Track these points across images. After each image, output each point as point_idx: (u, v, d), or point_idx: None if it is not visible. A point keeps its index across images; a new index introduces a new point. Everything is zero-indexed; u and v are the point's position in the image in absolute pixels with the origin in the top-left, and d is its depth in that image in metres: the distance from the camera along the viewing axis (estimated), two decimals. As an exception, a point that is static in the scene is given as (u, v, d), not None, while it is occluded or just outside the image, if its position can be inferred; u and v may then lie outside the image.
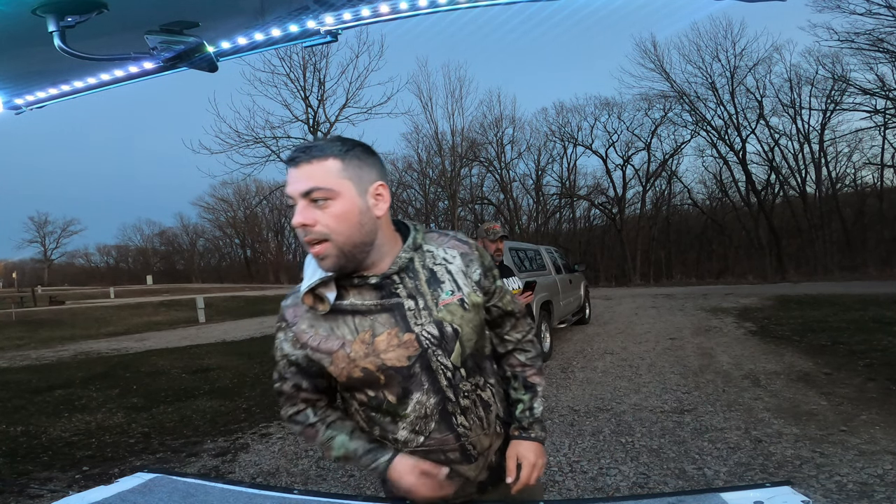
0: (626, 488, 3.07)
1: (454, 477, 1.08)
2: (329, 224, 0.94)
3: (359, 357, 1.01)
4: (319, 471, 3.70)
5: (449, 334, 1.03)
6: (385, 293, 1.01)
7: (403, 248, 1.03)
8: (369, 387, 1.04)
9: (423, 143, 29.35)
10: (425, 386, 1.02)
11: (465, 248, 1.10)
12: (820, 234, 24.18)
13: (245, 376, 7.24)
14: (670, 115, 26.52)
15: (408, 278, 1.03)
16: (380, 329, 1.01)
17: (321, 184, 0.94)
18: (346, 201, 0.95)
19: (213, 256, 60.44)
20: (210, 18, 1.08)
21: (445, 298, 1.03)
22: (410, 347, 1.01)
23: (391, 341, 1.00)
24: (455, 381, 1.04)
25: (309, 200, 0.94)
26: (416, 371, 1.02)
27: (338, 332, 1.02)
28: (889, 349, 6.00)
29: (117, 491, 1.22)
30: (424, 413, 1.03)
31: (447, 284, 1.05)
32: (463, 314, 1.04)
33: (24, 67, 1.23)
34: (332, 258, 0.96)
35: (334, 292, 1.01)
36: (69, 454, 4.33)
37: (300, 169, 0.95)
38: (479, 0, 1.11)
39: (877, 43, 18.09)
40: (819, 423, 3.91)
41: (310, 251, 0.98)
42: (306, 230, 0.95)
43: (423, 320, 1.01)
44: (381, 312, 1.01)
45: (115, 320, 18.40)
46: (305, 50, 8.85)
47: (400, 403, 1.03)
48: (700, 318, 10.14)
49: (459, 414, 1.06)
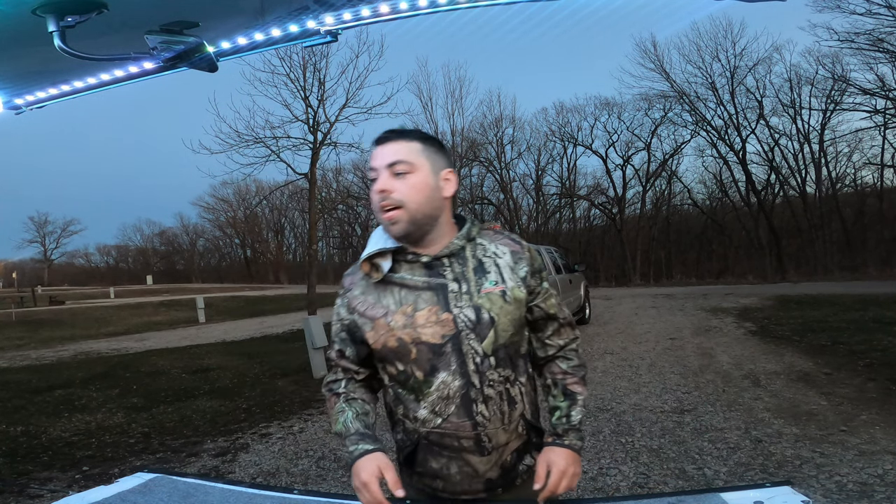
0: (626, 488, 3.07)
1: (464, 468, 1.09)
2: (405, 193, 1.07)
3: (397, 327, 1.08)
4: (319, 471, 3.70)
5: (485, 320, 1.08)
6: (433, 273, 1.10)
7: (457, 236, 1.13)
8: (400, 359, 1.09)
9: (423, 143, 29.30)
10: (453, 367, 1.06)
11: (516, 247, 1.17)
12: (820, 234, 24.17)
13: (245, 376, 7.24)
14: (670, 115, 26.49)
15: (456, 263, 1.11)
16: (422, 305, 1.08)
17: (404, 157, 1.08)
18: (422, 176, 1.08)
19: (213, 256, 60.46)
20: (210, 18, 1.08)
21: (488, 287, 1.10)
22: (446, 326, 1.07)
23: (430, 318, 1.07)
24: (482, 368, 1.07)
25: (391, 172, 1.07)
26: (447, 350, 1.06)
27: (383, 301, 1.10)
28: (889, 349, 6.00)
29: (117, 491, 1.22)
30: (447, 394, 1.06)
31: (492, 275, 1.11)
32: (503, 305, 1.09)
33: (24, 67, 1.23)
34: (402, 223, 1.07)
35: (390, 263, 1.11)
36: (69, 454, 4.33)
37: (387, 146, 1.09)
38: (479, 0, 1.11)
39: (877, 43, 18.08)
40: (819, 423, 3.91)
41: (383, 217, 1.08)
42: (385, 195, 1.07)
43: (462, 303, 1.08)
44: (426, 290, 1.09)
45: (115, 320, 18.41)
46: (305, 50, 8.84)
47: (425, 381, 1.07)
48: (700, 318, 10.14)
49: (481, 402, 1.07)
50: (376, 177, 1.09)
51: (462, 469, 1.09)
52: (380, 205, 1.08)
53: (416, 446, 1.11)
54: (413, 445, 1.12)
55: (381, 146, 1.10)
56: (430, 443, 1.10)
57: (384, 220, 1.08)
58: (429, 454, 1.10)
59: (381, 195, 1.07)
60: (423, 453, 1.11)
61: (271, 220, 50.24)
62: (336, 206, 34.22)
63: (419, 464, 1.12)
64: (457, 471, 1.10)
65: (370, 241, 1.15)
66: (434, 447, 1.10)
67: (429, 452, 1.10)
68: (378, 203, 1.08)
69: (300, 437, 4.50)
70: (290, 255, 50.70)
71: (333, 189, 33.22)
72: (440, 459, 1.10)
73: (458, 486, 1.11)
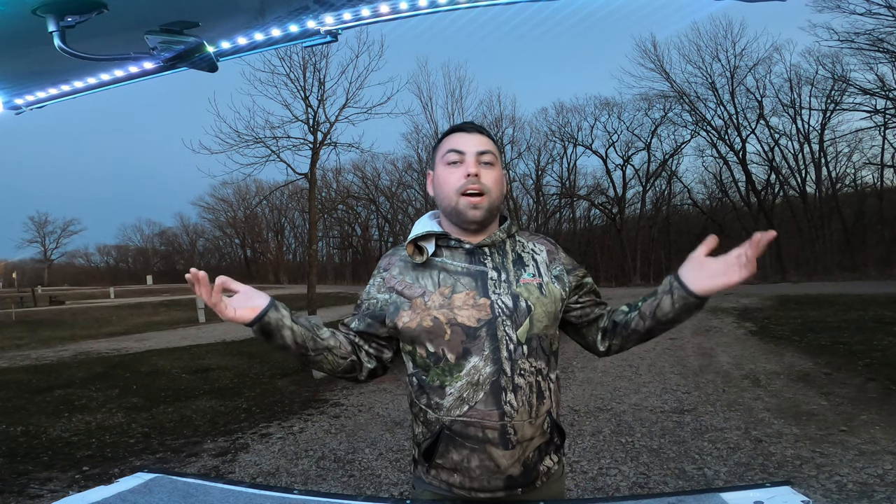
0: (626, 488, 3.07)
1: (486, 462, 1.06)
2: (490, 182, 1.14)
3: (434, 306, 1.10)
4: (319, 471, 3.70)
5: (522, 309, 1.10)
6: (474, 260, 1.13)
7: (500, 229, 1.18)
8: (432, 340, 1.09)
9: (423, 143, 29.29)
10: (486, 352, 1.07)
11: (552, 247, 1.23)
12: (820, 234, 24.17)
13: (245, 376, 7.24)
14: (670, 115, 26.51)
15: (497, 254, 1.15)
16: (460, 288, 1.11)
17: (493, 150, 1.16)
18: (500, 170, 1.17)
19: (213, 256, 60.44)
20: (210, 18, 1.08)
21: (527, 278, 1.14)
22: (483, 311, 1.08)
23: (467, 301, 1.09)
24: (515, 356, 1.07)
25: (479, 160, 1.13)
26: (481, 334, 1.07)
27: (422, 281, 1.13)
28: (889, 349, 6.00)
29: (117, 491, 1.22)
30: (477, 380, 1.06)
31: (531, 268, 1.16)
32: (539, 296, 1.12)
33: (24, 67, 1.23)
34: (483, 210, 1.12)
35: (433, 247, 1.15)
36: (69, 454, 4.33)
37: (473, 135, 1.16)
38: (479, 0, 1.11)
39: (877, 43, 18.07)
40: (819, 423, 3.91)
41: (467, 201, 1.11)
42: (475, 179, 1.11)
43: (501, 290, 1.11)
44: (466, 275, 1.12)
45: (115, 320, 18.40)
46: (305, 50, 8.84)
47: (457, 364, 1.07)
48: (700, 318, 10.13)
49: (510, 391, 1.06)
50: (459, 160, 1.13)
51: (483, 463, 1.06)
52: (466, 188, 1.11)
53: (438, 437, 1.08)
54: (434, 437, 1.09)
55: (467, 133, 1.16)
56: (452, 433, 1.07)
57: (467, 203, 1.11)
58: (451, 445, 1.07)
59: (469, 178, 1.11)
60: (444, 444, 1.08)
61: (271, 220, 50.31)
62: (336, 206, 34.19)
63: (439, 455, 1.09)
64: (478, 464, 1.06)
65: (416, 226, 1.19)
66: (457, 437, 1.07)
67: (451, 443, 1.07)
68: (463, 186, 1.12)
69: (300, 437, 4.50)
70: (290, 255, 50.68)
71: (333, 189, 33.22)
72: (462, 451, 1.07)
73: (477, 482, 1.07)
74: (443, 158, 1.16)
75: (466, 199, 1.11)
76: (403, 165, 31.79)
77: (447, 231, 1.16)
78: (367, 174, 34.24)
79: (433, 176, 1.21)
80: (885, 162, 23.01)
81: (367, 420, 4.89)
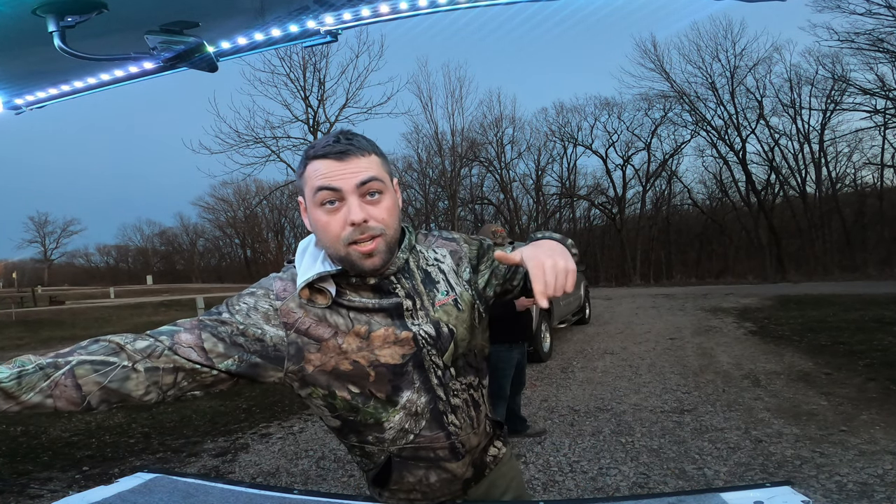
0: (626, 488, 3.07)
1: (443, 475, 1.07)
2: (384, 218, 0.92)
3: (351, 350, 0.96)
4: (319, 471, 3.70)
5: (445, 334, 1.02)
6: (383, 293, 0.99)
7: (401, 249, 1.00)
8: (355, 383, 0.98)
9: (423, 143, 29.33)
10: (416, 384, 1.01)
11: (452, 245, 1.09)
12: (820, 234, 24.18)
13: (245, 376, 7.24)
14: (670, 115, 26.53)
15: (404, 279, 1.01)
16: (376, 326, 0.98)
17: (377, 173, 0.92)
18: (391, 195, 0.96)
19: (213, 256, 60.41)
20: (210, 18, 1.08)
21: (441, 299, 1.03)
22: (406, 346, 0.99)
23: (388, 338, 0.98)
24: (445, 380, 1.03)
25: (362, 193, 0.91)
26: (408, 369, 0.99)
27: (330, 319, 0.97)
28: (889, 349, 6.00)
29: (117, 491, 1.22)
30: (415, 411, 1.01)
31: (442, 284, 1.04)
32: (458, 314, 1.04)
33: (24, 67, 1.23)
34: (381, 254, 0.93)
35: (333, 287, 0.97)
36: (69, 454, 4.33)
37: (349, 161, 0.90)
38: (479, 0, 1.11)
39: (877, 43, 18.08)
40: (819, 423, 3.91)
41: (358, 250, 0.92)
42: (364, 227, 0.90)
43: (419, 320, 1.00)
44: (379, 312, 0.98)
45: (115, 320, 18.41)
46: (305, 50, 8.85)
47: (389, 401, 1.00)
48: (700, 318, 10.14)
49: (450, 413, 1.04)
50: (336, 200, 0.90)
51: (441, 476, 1.07)
52: (353, 238, 0.91)
53: (388, 465, 1.06)
54: (382, 465, 1.06)
55: (338, 161, 0.90)
56: (403, 459, 1.05)
57: (359, 254, 0.92)
58: (404, 469, 1.06)
59: (356, 228, 0.90)
60: (397, 471, 1.06)
61: (271, 220, 50.22)
62: (336, 206, 34.18)
63: (394, 481, 1.07)
64: (436, 479, 1.07)
65: (303, 262, 0.98)
66: (409, 462, 1.05)
67: (404, 468, 1.06)
68: (348, 237, 0.91)
69: (300, 437, 4.50)
70: (291, 255, 50.63)
71: (333, 189, 33.21)
72: (417, 472, 1.06)
73: (439, 492, 1.10)
74: (314, 197, 0.92)
75: (356, 248, 0.91)
76: (403, 165, 31.76)
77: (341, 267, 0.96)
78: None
79: (306, 210, 0.97)
80: (885, 162, 23.05)
81: (367, 420, 4.89)
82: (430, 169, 30.26)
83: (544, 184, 31.32)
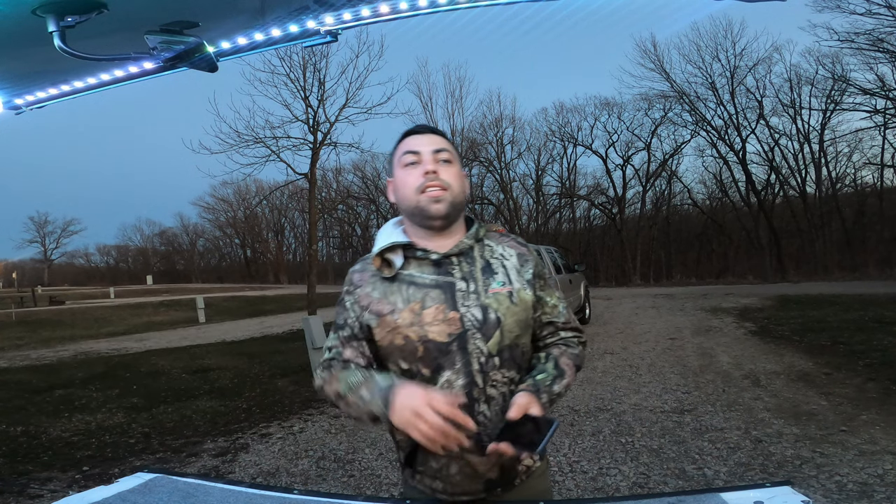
0: (626, 488, 3.07)
1: (464, 468, 1.08)
2: (449, 177, 1.12)
3: (404, 325, 1.08)
4: (319, 471, 3.70)
5: (491, 320, 1.08)
6: (442, 271, 1.11)
7: (467, 235, 1.15)
8: (405, 357, 1.09)
9: (422, 142, 29.31)
10: (457, 366, 1.07)
11: (523, 249, 1.20)
12: (820, 234, 24.17)
13: (245, 376, 7.24)
14: (670, 115, 26.49)
15: (465, 262, 1.13)
16: (429, 303, 1.08)
17: (449, 148, 1.16)
18: (458, 168, 1.16)
19: (213, 256, 60.45)
20: (210, 18, 1.08)
21: (495, 287, 1.11)
22: (453, 325, 1.07)
23: (437, 316, 1.07)
24: (486, 368, 1.07)
25: (436, 158, 1.13)
26: (452, 349, 1.07)
27: (391, 298, 1.11)
28: (889, 349, 6.00)
29: (117, 491, 1.22)
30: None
31: (500, 276, 1.13)
32: (509, 306, 1.10)
33: (24, 67, 1.23)
34: (446, 203, 1.10)
35: (401, 259, 1.12)
36: (69, 454, 4.33)
37: (427, 136, 1.16)
38: (479, 0, 1.11)
39: (877, 43, 18.07)
40: (819, 423, 3.91)
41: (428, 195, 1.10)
42: (434, 175, 1.11)
43: (469, 302, 1.09)
44: (434, 288, 1.10)
45: (115, 320, 18.40)
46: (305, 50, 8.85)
47: (431, 378, 1.07)
48: (700, 318, 10.14)
49: (483, 402, 1.07)
50: (416, 160, 1.12)
51: (462, 469, 1.09)
52: (426, 184, 1.10)
53: (417, 446, 1.09)
54: (413, 445, 1.11)
55: (420, 135, 1.16)
56: None
57: (428, 198, 1.10)
58: (429, 454, 1.09)
59: (428, 175, 1.11)
60: (423, 453, 1.10)
61: (271, 220, 50.27)
62: (336, 206, 34.23)
63: (420, 463, 1.13)
64: (457, 471, 1.09)
65: (380, 236, 1.16)
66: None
67: (429, 452, 1.08)
68: (423, 183, 1.11)
69: (300, 437, 4.50)
70: (290, 255, 50.62)
71: (333, 189, 33.28)
72: (440, 459, 1.09)
73: (459, 487, 1.11)
74: (399, 161, 1.15)
75: (426, 195, 1.10)
76: (403, 165, 31.74)
77: (413, 240, 1.13)
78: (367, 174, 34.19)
79: (393, 182, 1.19)
80: (885, 162, 23.03)
81: (367, 420, 4.89)
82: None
83: (544, 184, 31.34)
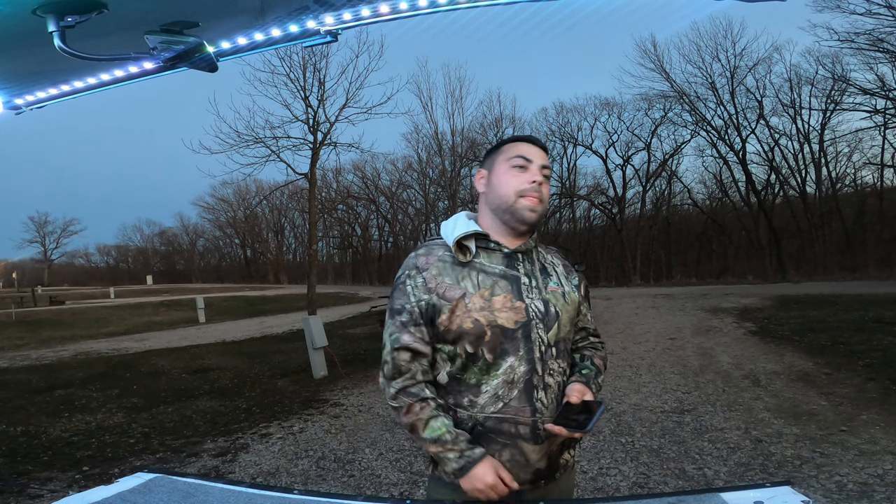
0: (626, 488, 3.07)
1: (516, 456, 1.13)
2: (546, 194, 1.25)
3: (475, 308, 1.15)
4: (319, 471, 3.70)
5: (552, 313, 1.19)
6: (510, 264, 1.21)
7: (532, 238, 1.26)
8: (472, 341, 1.14)
9: (423, 143, 29.34)
10: (521, 352, 1.14)
11: (566, 261, 1.34)
12: (820, 234, 24.15)
13: (245, 376, 7.24)
14: (670, 115, 26.44)
15: (527, 261, 1.23)
16: (499, 291, 1.17)
17: (550, 167, 1.30)
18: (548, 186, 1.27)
19: (213, 256, 60.45)
20: (210, 18, 1.08)
21: (552, 286, 1.23)
22: (519, 314, 1.16)
23: (505, 303, 1.16)
24: (546, 357, 1.16)
25: (543, 172, 1.23)
26: (518, 336, 1.14)
27: (462, 283, 1.17)
28: (889, 349, 6.00)
29: (117, 491, 1.22)
30: (512, 379, 1.13)
31: (554, 278, 1.25)
32: (564, 304, 1.22)
33: (24, 67, 1.23)
34: (538, 214, 1.22)
35: (475, 247, 1.20)
36: (69, 454, 4.33)
37: (540, 150, 1.26)
38: (479, 0, 1.11)
39: (877, 43, 18.05)
40: (819, 423, 3.91)
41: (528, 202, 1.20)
42: (538, 187, 1.21)
43: (533, 295, 1.19)
44: (503, 279, 1.18)
45: (115, 320, 18.40)
46: (305, 50, 8.84)
47: (494, 363, 1.14)
48: (700, 318, 10.14)
49: (541, 389, 1.14)
50: (525, 166, 1.22)
51: (514, 457, 1.13)
52: (530, 192, 1.20)
53: (471, 433, 1.14)
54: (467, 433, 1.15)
55: (535, 146, 1.26)
56: (486, 429, 1.14)
57: (527, 204, 1.20)
58: (483, 441, 1.14)
59: (533, 185, 1.21)
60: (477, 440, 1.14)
61: (271, 220, 50.24)
62: (336, 207, 34.20)
63: None
64: (509, 458, 1.13)
65: (456, 225, 1.23)
66: (490, 434, 1.14)
67: (483, 439, 1.14)
68: (525, 189, 1.20)
69: (300, 437, 4.50)
70: (290, 255, 50.62)
71: (333, 189, 33.24)
72: (494, 446, 1.13)
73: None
74: (508, 160, 1.23)
75: (526, 200, 1.20)
76: (403, 165, 31.81)
77: (487, 232, 1.22)
78: (367, 174, 34.21)
79: (488, 175, 1.26)
80: (885, 162, 22.99)
81: (367, 420, 4.89)
82: (430, 169, 30.24)
83: (544, 184, 31.29)
